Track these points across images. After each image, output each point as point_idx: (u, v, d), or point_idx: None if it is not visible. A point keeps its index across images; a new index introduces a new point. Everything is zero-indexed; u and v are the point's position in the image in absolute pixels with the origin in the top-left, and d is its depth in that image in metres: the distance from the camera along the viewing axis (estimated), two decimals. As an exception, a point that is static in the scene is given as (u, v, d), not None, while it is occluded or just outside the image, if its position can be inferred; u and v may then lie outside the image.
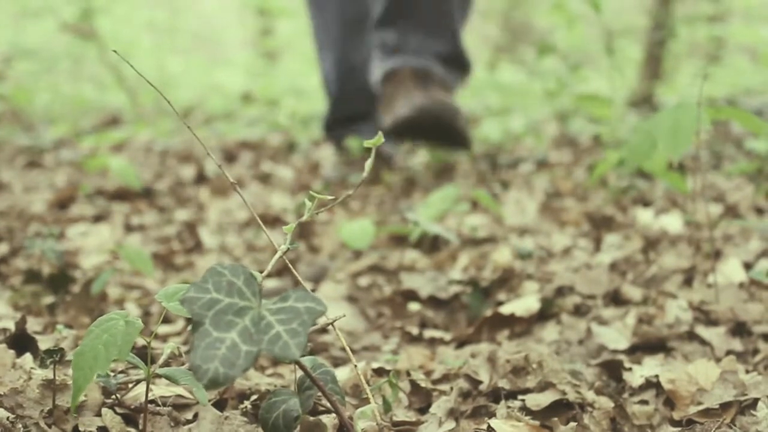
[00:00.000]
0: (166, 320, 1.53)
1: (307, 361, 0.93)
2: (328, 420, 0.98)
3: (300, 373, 0.91)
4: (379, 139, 0.97)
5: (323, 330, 1.39)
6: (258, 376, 1.19)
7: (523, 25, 9.74)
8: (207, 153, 0.96)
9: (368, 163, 0.97)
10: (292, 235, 0.95)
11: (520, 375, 1.16)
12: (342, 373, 1.23)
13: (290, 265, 1.00)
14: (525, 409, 1.09)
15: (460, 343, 1.44)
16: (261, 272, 0.95)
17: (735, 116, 1.47)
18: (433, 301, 1.67)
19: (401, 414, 1.01)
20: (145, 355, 0.93)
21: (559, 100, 4.19)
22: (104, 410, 1.00)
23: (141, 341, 1.11)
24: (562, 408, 1.10)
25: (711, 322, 1.40)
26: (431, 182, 2.86)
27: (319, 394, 1.12)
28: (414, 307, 1.65)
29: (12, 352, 1.12)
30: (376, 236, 2.04)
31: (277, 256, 0.94)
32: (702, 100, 1.42)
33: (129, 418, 1.01)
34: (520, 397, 1.12)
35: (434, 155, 3.16)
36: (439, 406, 1.10)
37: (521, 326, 1.47)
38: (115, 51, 0.96)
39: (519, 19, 9.75)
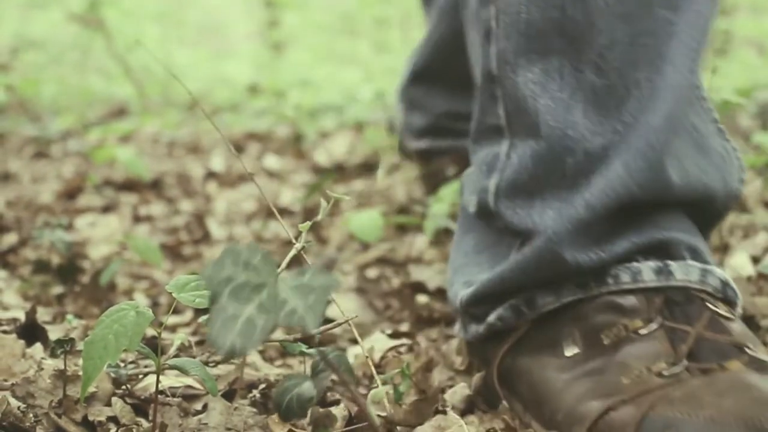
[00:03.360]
0: (176, 311, 1.53)
1: (315, 352, 0.94)
2: (338, 411, 0.98)
3: (310, 363, 0.91)
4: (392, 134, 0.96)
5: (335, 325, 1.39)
6: (267, 367, 1.20)
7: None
8: (222, 139, 0.96)
9: (380, 173, 0.97)
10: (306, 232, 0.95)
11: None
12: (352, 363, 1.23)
13: (305, 257, 1.00)
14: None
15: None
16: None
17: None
18: (441, 294, 1.67)
19: (409, 401, 1.01)
20: (155, 345, 0.93)
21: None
22: (114, 400, 1.00)
23: (151, 332, 1.11)
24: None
25: (719, 315, 1.40)
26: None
27: (330, 384, 1.13)
28: (422, 299, 1.65)
29: (22, 342, 1.12)
30: (383, 227, 2.04)
31: (291, 253, 0.94)
32: (709, 93, 1.42)
33: (139, 408, 1.02)
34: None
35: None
36: (455, 392, 1.10)
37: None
38: (137, 40, 0.96)
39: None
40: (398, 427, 0.97)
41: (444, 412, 0.99)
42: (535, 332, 1.04)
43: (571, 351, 0.97)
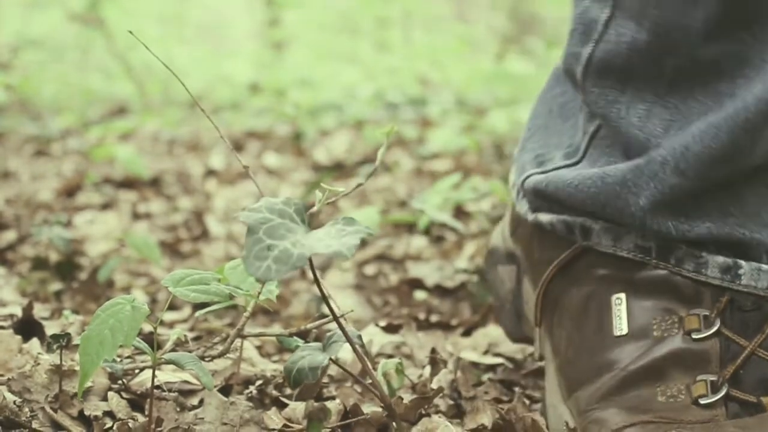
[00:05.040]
0: (173, 307, 1.53)
1: (312, 346, 0.94)
2: (333, 405, 0.98)
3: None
4: (392, 128, 0.97)
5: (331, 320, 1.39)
6: (263, 363, 1.20)
7: (531, 15, 9.73)
8: (220, 137, 0.96)
9: (381, 152, 0.97)
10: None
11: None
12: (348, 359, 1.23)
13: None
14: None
15: (467, 330, 1.44)
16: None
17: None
18: (439, 290, 1.67)
19: (407, 398, 1.01)
20: (151, 341, 0.93)
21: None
22: (110, 395, 1.00)
23: (147, 327, 1.11)
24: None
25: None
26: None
27: (325, 381, 1.13)
28: (420, 295, 1.65)
29: (19, 337, 1.12)
30: (381, 225, 2.05)
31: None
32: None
33: (135, 403, 1.02)
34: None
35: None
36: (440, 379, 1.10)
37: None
38: (130, 31, 0.96)
39: (527, 10, 9.74)
40: (394, 423, 0.97)
41: (429, 416, 0.99)
42: (587, 267, 0.95)
43: (619, 329, 0.89)
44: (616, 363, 0.88)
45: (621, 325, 0.89)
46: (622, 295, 0.90)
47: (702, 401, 0.83)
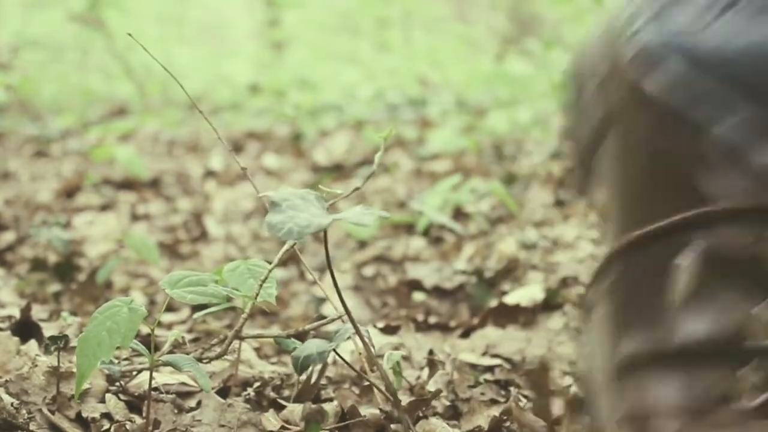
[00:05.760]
0: (171, 308, 1.53)
1: (311, 346, 0.94)
2: (330, 407, 0.98)
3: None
4: (390, 132, 0.97)
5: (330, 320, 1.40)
6: (262, 364, 1.19)
7: (532, 16, 9.73)
8: (218, 138, 0.96)
9: (378, 155, 0.97)
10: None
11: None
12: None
13: (299, 255, 1.00)
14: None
15: (466, 332, 1.44)
16: (269, 263, 0.95)
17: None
18: (437, 291, 1.67)
19: (405, 399, 1.01)
20: (149, 342, 0.93)
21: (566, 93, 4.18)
22: (108, 396, 1.00)
23: (145, 329, 1.11)
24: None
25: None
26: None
27: (323, 383, 1.13)
28: (419, 297, 1.65)
29: (17, 339, 1.12)
30: (380, 226, 2.05)
31: (284, 248, 0.94)
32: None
33: (133, 405, 1.02)
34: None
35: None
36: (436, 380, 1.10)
37: (526, 316, 1.47)
38: (129, 34, 0.96)
39: (527, 10, 9.74)
40: (396, 422, 0.97)
41: (426, 418, 0.99)
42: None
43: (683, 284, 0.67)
44: (683, 312, 0.66)
45: (683, 277, 0.68)
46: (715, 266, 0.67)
47: None
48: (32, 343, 1.15)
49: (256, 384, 1.08)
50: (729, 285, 0.66)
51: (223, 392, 1.07)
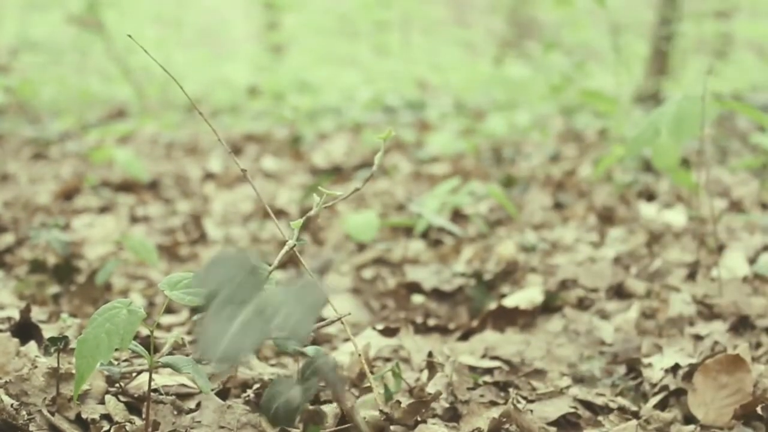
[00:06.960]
0: (170, 310, 1.53)
1: (310, 350, 0.94)
2: (329, 409, 0.98)
3: (302, 364, 0.91)
4: (390, 133, 0.96)
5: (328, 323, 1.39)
6: (261, 366, 1.19)
7: (530, 20, 9.73)
8: (218, 140, 0.96)
9: (378, 157, 0.97)
10: (299, 230, 0.95)
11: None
12: (345, 362, 1.23)
13: (299, 257, 1.00)
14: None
15: (465, 334, 1.44)
16: (268, 265, 0.95)
17: (741, 109, 1.47)
18: (436, 294, 1.67)
19: (404, 401, 1.01)
20: (148, 344, 0.93)
21: (565, 95, 4.19)
22: (107, 398, 1.00)
23: (144, 331, 1.11)
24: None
25: (714, 315, 1.40)
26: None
27: (322, 384, 1.13)
28: (418, 299, 1.65)
29: (16, 340, 1.12)
30: (379, 228, 2.05)
31: (284, 250, 0.94)
32: (707, 93, 1.42)
33: (132, 407, 1.02)
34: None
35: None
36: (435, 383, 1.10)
37: (525, 318, 1.47)
38: (129, 35, 0.96)
39: (526, 14, 9.74)
40: (392, 427, 0.97)
41: (425, 422, 0.99)
42: None
43: None
44: None
45: None
46: None
47: None
48: (32, 345, 1.15)
49: (256, 385, 1.08)
50: None
51: (223, 394, 1.07)
